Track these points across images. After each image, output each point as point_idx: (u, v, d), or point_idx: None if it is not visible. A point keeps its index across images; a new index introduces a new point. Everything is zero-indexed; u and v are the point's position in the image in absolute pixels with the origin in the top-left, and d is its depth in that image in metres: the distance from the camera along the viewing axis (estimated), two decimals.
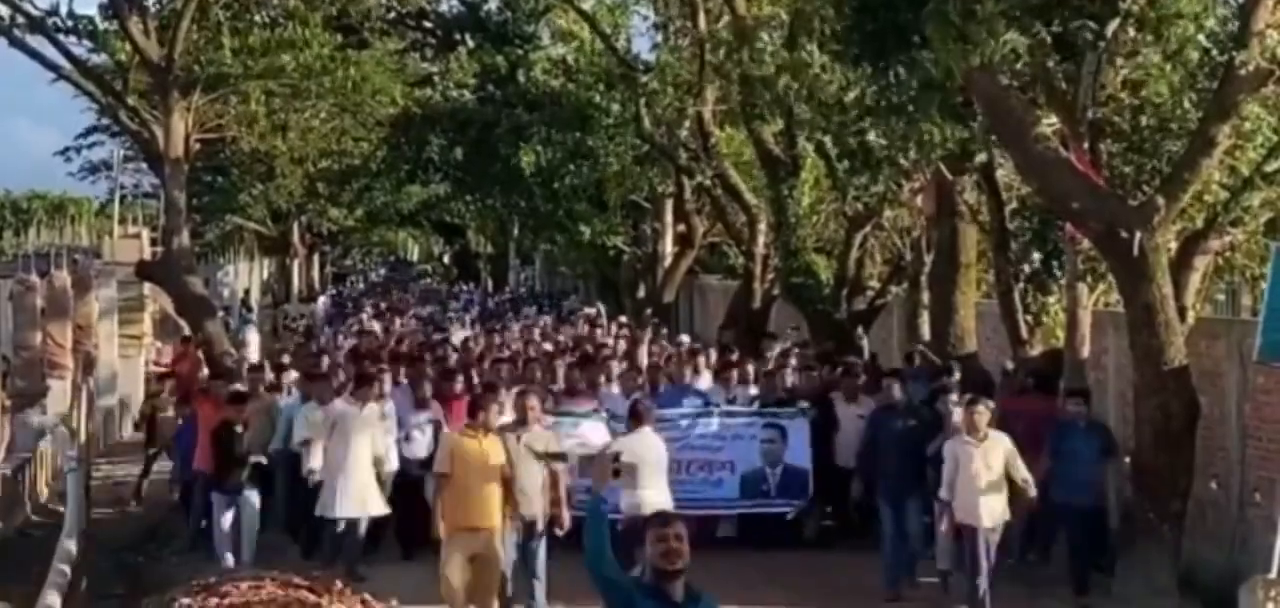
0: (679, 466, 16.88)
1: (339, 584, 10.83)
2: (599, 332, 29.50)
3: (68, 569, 14.50)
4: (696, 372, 20.24)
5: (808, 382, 19.58)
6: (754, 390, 19.24)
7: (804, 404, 18.21)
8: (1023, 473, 14.58)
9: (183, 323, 29.07)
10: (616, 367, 20.26)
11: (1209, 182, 15.80)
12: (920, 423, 16.26)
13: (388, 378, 18.19)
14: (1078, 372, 16.87)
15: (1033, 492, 14.67)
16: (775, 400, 18.54)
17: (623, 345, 25.03)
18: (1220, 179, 16.28)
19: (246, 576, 11.84)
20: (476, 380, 18.49)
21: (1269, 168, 16.02)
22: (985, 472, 14.44)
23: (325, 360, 22.32)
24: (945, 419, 16.13)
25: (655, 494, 14.12)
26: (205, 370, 23.90)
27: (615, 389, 19.06)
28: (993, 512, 14.51)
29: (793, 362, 21.13)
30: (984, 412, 14.67)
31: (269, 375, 20.30)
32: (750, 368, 20.07)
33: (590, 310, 35.65)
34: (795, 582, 16.07)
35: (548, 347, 25.73)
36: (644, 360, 22.49)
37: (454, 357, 22.98)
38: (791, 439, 17.79)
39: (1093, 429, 15.61)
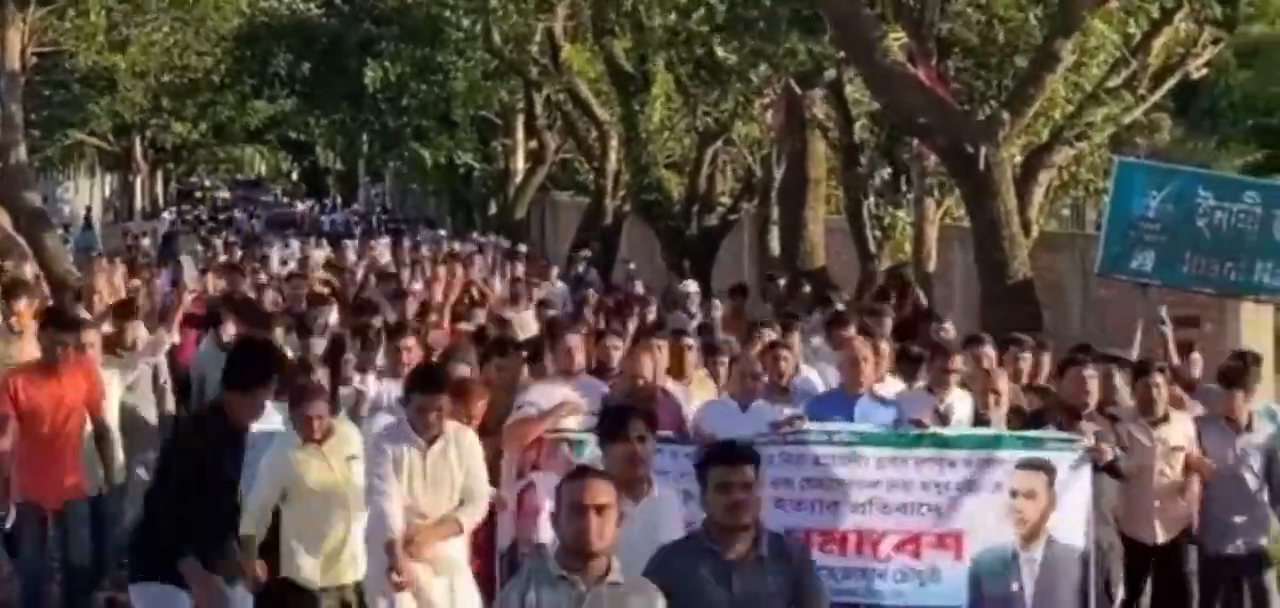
0: (855, 541, 9.08)
1: None
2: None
3: None
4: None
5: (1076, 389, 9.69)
6: (941, 399, 10.00)
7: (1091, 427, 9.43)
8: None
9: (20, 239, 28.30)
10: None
11: (1054, 97, 16.03)
12: None
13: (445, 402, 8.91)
14: (924, 285, 17.03)
15: None
16: (1028, 415, 9.91)
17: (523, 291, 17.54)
18: (1065, 94, 16.53)
19: None
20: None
21: (1112, 83, 16.30)
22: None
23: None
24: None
25: None
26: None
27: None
28: None
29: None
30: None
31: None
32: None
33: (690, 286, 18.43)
34: None
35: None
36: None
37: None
38: (1063, 489, 9.06)
39: None
